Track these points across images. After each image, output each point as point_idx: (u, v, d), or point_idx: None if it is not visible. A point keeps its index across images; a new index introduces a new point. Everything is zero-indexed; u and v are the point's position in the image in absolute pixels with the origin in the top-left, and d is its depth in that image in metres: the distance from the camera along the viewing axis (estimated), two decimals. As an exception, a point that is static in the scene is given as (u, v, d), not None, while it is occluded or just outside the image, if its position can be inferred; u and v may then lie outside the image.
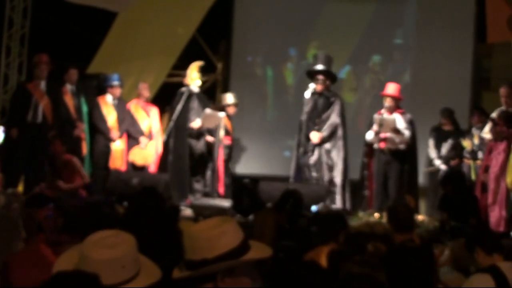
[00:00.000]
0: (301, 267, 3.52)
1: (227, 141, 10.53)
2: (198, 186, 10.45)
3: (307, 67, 11.98)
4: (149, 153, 10.53)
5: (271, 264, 3.81)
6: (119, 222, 3.37)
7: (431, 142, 10.76)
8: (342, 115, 9.92)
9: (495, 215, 8.70)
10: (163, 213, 3.13)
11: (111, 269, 2.51)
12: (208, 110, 10.25)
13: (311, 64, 10.40)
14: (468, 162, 10.36)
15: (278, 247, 4.90)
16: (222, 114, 10.54)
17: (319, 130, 9.79)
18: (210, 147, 10.49)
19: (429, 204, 10.68)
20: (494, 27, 9.82)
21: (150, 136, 10.61)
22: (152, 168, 10.58)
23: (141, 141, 10.47)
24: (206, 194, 10.45)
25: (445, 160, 10.55)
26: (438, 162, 10.63)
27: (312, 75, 9.99)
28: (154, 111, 10.83)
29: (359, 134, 11.09)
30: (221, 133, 10.33)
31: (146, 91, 10.79)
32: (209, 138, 10.43)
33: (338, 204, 9.69)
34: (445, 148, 10.60)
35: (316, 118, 9.85)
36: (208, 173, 10.52)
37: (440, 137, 10.69)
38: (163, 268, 2.79)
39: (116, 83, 10.50)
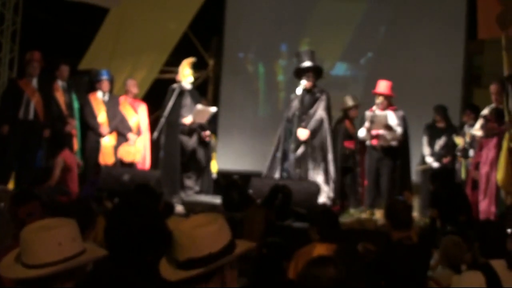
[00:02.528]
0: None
1: (350, 145, 10.27)
2: (189, 183, 10.43)
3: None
4: (137, 149, 10.50)
5: (257, 260, 3.82)
6: (106, 216, 3.37)
7: (425, 140, 10.71)
8: (329, 110, 9.83)
9: (485, 211, 8.72)
10: (151, 210, 3.12)
11: (47, 246, 2.60)
12: (199, 106, 10.23)
13: (296, 62, 10.27)
14: (460, 159, 10.36)
15: (264, 244, 4.90)
16: (213, 109, 10.51)
17: (306, 126, 9.73)
18: (204, 143, 10.50)
19: (422, 201, 10.68)
20: (485, 24, 9.83)
21: (138, 133, 10.60)
22: (141, 164, 10.56)
23: (129, 138, 10.45)
24: (201, 192, 10.46)
25: (437, 157, 10.54)
26: (430, 160, 10.61)
27: (301, 73, 9.90)
28: (143, 108, 10.80)
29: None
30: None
31: (134, 88, 10.76)
32: (207, 133, 10.40)
33: (323, 199, 9.62)
34: (438, 145, 10.59)
35: (303, 115, 9.79)
36: (203, 169, 10.54)
37: (433, 134, 10.66)
38: (149, 264, 2.79)
39: (104, 77, 10.47)
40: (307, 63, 9.80)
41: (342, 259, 4.38)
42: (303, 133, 9.68)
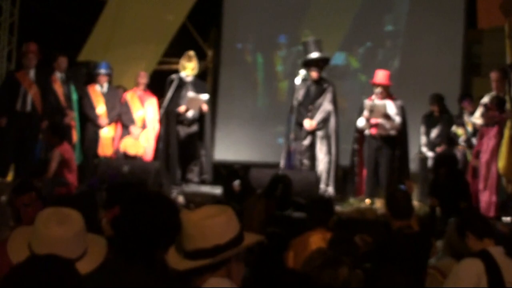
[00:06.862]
0: None
1: None
2: (191, 175, 10.41)
3: (298, 54, 11.96)
4: (141, 143, 10.46)
5: (258, 250, 3.79)
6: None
7: (422, 129, 10.69)
8: (335, 102, 9.88)
9: (485, 200, 8.71)
10: (166, 203, 3.06)
11: (65, 245, 2.59)
12: (190, 94, 10.16)
13: (302, 52, 10.27)
14: (462, 148, 10.27)
15: (264, 234, 4.90)
16: (205, 97, 10.36)
17: (312, 117, 9.74)
18: (202, 133, 10.48)
19: (420, 190, 10.66)
20: (485, 13, 9.79)
21: (143, 127, 10.54)
22: (146, 157, 10.51)
23: (131, 130, 10.40)
24: (203, 181, 10.45)
25: (432, 146, 10.51)
26: (425, 149, 10.59)
27: (309, 64, 9.90)
28: (152, 101, 10.67)
29: (349, 120, 11.08)
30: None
31: (143, 79, 10.60)
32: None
33: (330, 190, 9.67)
34: (433, 134, 10.56)
35: (309, 105, 9.80)
36: (203, 160, 10.51)
37: (430, 123, 10.65)
38: (157, 260, 2.77)
39: (101, 71, 10.44)
40: (314, 54, 9.78)
41: (337, 247, 4.39)
42: (309, 124, 9.69)
